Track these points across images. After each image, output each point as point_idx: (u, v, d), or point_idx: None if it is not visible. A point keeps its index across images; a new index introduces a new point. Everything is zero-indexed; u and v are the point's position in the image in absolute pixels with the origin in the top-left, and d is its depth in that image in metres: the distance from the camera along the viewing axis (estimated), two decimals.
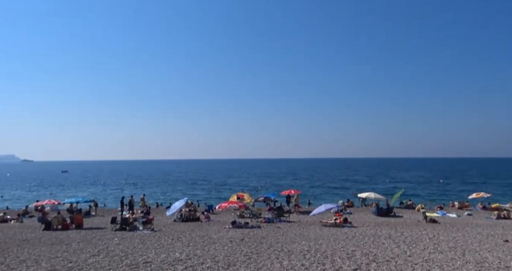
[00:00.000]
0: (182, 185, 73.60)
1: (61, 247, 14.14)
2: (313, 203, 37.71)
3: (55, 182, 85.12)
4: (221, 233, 18.40)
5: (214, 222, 24.16)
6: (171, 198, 45.23)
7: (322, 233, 18.56)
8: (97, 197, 46.67)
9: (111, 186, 71.63)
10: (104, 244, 15.03)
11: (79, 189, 66.32)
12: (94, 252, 12.99)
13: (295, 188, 49.53)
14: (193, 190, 59.15)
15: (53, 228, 20.45)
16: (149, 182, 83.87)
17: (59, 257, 11.98)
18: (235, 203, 27.99)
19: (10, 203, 42.65)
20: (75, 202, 30.56)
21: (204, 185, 72.61)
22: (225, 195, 50.43)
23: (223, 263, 11.14)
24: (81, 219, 22.10)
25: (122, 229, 20.06)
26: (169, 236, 17.28)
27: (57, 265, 10.76)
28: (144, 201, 33.97)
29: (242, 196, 32.89)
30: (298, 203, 32.49)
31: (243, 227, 20.83)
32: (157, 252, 12.94)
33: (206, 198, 45.45)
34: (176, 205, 25.17)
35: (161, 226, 21.63)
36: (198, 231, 19.26)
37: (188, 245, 14.47)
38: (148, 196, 40.22)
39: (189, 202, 30.88)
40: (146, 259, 11.53)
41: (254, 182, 77.21)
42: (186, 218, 24.92)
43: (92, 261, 11.31)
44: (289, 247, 13.91)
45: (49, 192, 57.79)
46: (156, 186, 70.17)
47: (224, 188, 63.12)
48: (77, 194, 53.94)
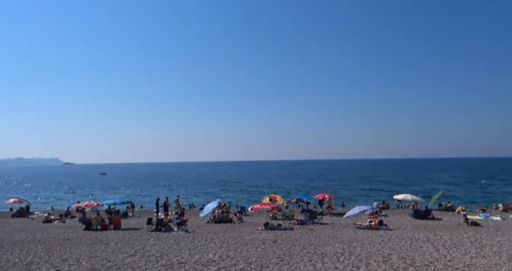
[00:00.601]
0: (213, 186, 74.56)
1: (100, 247, 14.69)
2: (346, 205, 37.05)
3: (94, 184, 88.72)
4: (253, 235, 18.44)
5: (247, 224, 24.26)
6: (204, 200, 45.94)
7: (356, 235, 18.16)
8: (133, 198, 48.19)
9: (146, 188, 73.75)
10: (140, 244, 15.46)
11: (117, 190, 68.75)
12: (131, 252, 13.38)
13: (328, 190, 48.98)
14: (225, 192, 59.72)
15: (93, 228, 21.29)
16: (181, 183, 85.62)
17: (99, 257, 12.44)
18: (268, 204, 28.00)
19: (54, 204, 44.89)
20: (113, 204, 31.70)
21: (235, 186, 73.18)
22: (256, 196, 50.60)
23: (255, 265, 11.15)
24: (119, 220, 22.86)
25: (157, 230, 20.56)
26: (202, 237, 17.52)
27: (96, 264, 11.18)
28: (178, 203, 34.67)
29: (274, 197, 32.84)
30: (331, 205, 32.01)
31: (275, 229, 20.76)
32: (191, 253, 13.14)
33: (238, 200, 45.79)
34: (209, 206, 25.49)
35: (195, 227, 21.97)
36: (231, 233, 19.40)
37: (221, 246, 14.60)
38: (181, 197, 40.99)
39: (222, 204, 31.19)
40: (181, 260, 11.74)
41: (285, 184, 76.89)
42: (219, 220, 25.19)
43: (129, 261, 11.66)
44: (323, 250, 13.71)
45: (88, 194, 60.30)
46: (188, 188, 71.52)
47: (255, 190, 63.31)
48: (115, 195, 55.99)
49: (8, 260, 11.86)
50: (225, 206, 32.02)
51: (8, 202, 36.67)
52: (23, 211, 32.91)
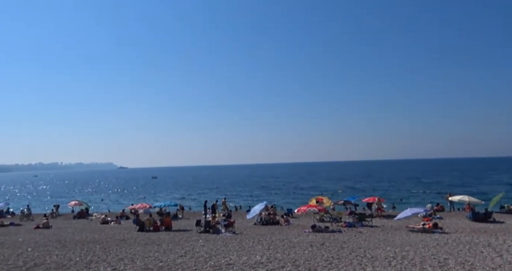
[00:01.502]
0: (258, 189, 74.97)
1: (153, 247, 15.30)
2: (397, 207, 35.62)
3: (146, 187, 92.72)
4: (301, 237, 18.28)
5: (294, 226, 24.11)
6: (250, 202, 46.36)
7: (409, 239, 17.38)
8: (182, 201, 49.77)
9: (194, 191, 75.81)
10: (190, 245, 15.90)
11: (167, 193, 71.35)
12: (181, 253, 13.80)
13: (376, 192, 47.41)
14: (270, 194, 59.77)
15: (146, 230, 22.24)
16: (228, 186, 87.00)
17: (151, 257, 12.96)
18: (315, 206, 27.66)
19: (110, 206, 47.52)
20: (164, 206, 32.91)
21: (280, 188, 73.03)
22: (302, 198, 50.19)
23: (303, 267, 11.03)
24: (169, 221, 23.70)
25: (206, 231, 21.05)
26: (250, 239, 17.66)
27: (149, 264, 11.66)
28: (226, 205, 35.22)
29: (321, 199, 32.35)
30: (380, 206, 30.91)
31: (323, 231, 20.45)
32: (238, 254, 13.29)
33: (284, 202, 45.65)
34: (255, 208, 25.67)
35: (242, 229, 22.20)
36: (278, 235, 19.38)
37: (268, 248, 14.62)
38: (228, 199, 41.67)
39: (268, 206, 31.24)
40: (229, 261, 11.91)
41: (330, 186, 75.46)
42: (266, 222, 25.28)
43: (180, 261, 12.03)
44: (373, 253, 13.26)
45: (141, 197, 63.12)
46: (235, 190, 72.50)
47: (301, 192, 62.79)
48: (165, 198, 58.12)
49: (70, 259, 12.72)
50: (272, 208, 32.03)
51: (70, 205, 39.38)
52: (83, 213, 35.17)
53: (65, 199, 57.90)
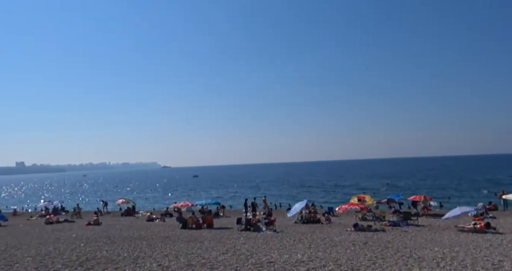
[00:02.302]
0: (298, 187, 74.45)
1: (195, 244, 15.66)
2: (445, 205, 33.99)
3: (188, 186, 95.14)
4: (342, 236, 17.94)
5: (335, 224, 23.72)
6: (290, 200, 46.17)
7: (459, 239, 16.50)
8: (223, 199, 50.55)
9: (234, 189, 76.72)
10: (231, 243, 16.10)
11: (207, 191, 72.77)
12: (223, 250, 14.01)
13: (423, 191, 45.49)
14: (309, 193, 59.12)
15: (189, 227, 22.81)
16: (268, 184, 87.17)
17: (194, 254, 13.27)
18: (356, 205, 27.03)
19: (155, 204, 49.25)
20: (205, 204, 33.61)
21: (320, 186, 72.06)
22: (342, 196, 49.27)
23: (345, 266, 10.81)
24: (211, 219, 24.15)
25: (246, 229, 21.23)
26: (290, 238, 17.59)
27: (192, 260, 11.94)
28: (266, 203, 35.34)
29: (363, 197, 31.57)
30: (427, 205, 29.63)
31: (366, 230, 19.94)
32: (279, 252, 13.27)
33: (325, 201, 45.02)
34: (296, 206, 25.52)
35: (283, 228, 22.16)
36: (319, 233, 19.14)
37: (309, 247, 14.48)
38: (268, 198, 41.76)
39: (309, 204, 30.96)
40: (270, 259, 11.93)
41: (371, 184, 73.37)
42: (306, 220, 25.07)
43: (222, 258, 12.22)
44: (419, 253, 12.73)
45: (184, 195, 64.86)
46: (274, 188, 72.49)
47: (340, 190, 61.66)
48: (206, 196, 59.31)
49: (119, 254, 13.33)
50: (312, 207, 31.71)
51: (118, 202, 41.30)
52: (130, 211, 36.73)
53: (111, 197, 60.76)
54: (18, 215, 40.23)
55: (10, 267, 11.27)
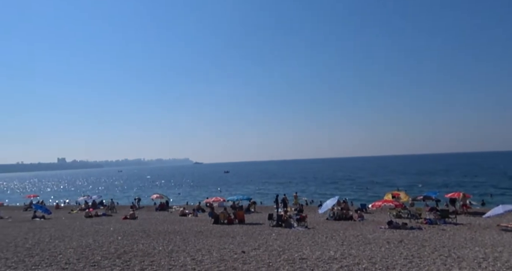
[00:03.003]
0: (329, 183, 73.58)
1: (227, 240, 15.83)
2: (487, 203, 32.49)
3: (219, 182, 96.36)
4: (376, 233, 17.55)
5: (368, 222, 23.25)
6: (320, 196, 45.71)
7: (502, 239, 15.70)
8: (254, 194, 50.79)
9: (265, 185, 76.89)
10: (263, 238, 16.15)
11: (238, 187, 73.37)
12: (255, 245, 14.08)
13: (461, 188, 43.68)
14: (340, 190, 58.23)
15: (220, 222, 23.09)
16: (299, 180, 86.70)
17: (227, 248, 13.42)
18: (391, 202, 26.32)
19: (187, 199, 50.26)
20: (237, 200, 33.89)
21: (351, 183, 70.83)
22: (374, 193, 48.23)
23: (380, 265, 10.56)
24: (242, 215, 24.34)
25: (278, 225, 21.24)
26: (322, 234, 17.42)
27: (225, 255, 12.08)
28: (297, 199, 35.17)
29: (397, 194, 30.73)
30: (466, 203, 28.40)
31: (401, 228, 19.41)
32: (312, 249, 13.17)
33: (357, 198, 44.22)
34: (327, 203, 25.24)
35: (314, 224, 21.99)
36: (352, 230, 18.83)
37: (342, 244, 14.28)
38: (298, 194, 41.52)
39: (341, 201, 30.53)
40: (302, 256, 11.86)
41: (405, 180, 71.19)
42: (338, 217, 24.74)
43: (254, 254, 12.28)
44: (459, 253, 12.23)
45: (216, 190, 65.77)
46: (305, 184, 72.00)
47: (373, 186, 60.33)
48: (236, 192, 59.81)
49: (154, 248, 13.71)
50: (344, 203, 31.23)
51: (152, 197, 42.46)
52: (164, 205, 37.68)
53: (145, 192, 62.59)
54: (60, 208, 42.32)
55: (54, 257, 11.86)
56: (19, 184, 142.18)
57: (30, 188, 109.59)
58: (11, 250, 13.56)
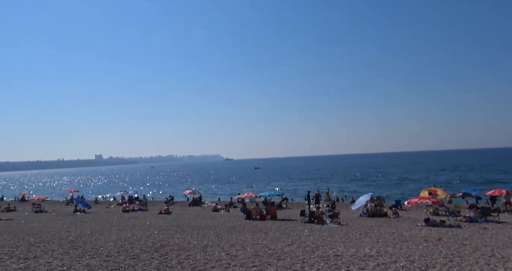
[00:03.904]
0: (361, 179, 72.29)
1: (260, 235, 15.92)
2: None
3: (250, 178, 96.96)
4: (413, 231, 17.08)
5: (404, 219, 22.68)
6: (352, 192, 45.04)
7: None
8: (284, 190, 50.74)
9: (296, 181, 76.61)
10: (296, 235, 16.12)
11: (269, 183, 73.53)
12: (288, 241, 14.07)
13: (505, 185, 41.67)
14: (373, 186, 57.04)
15: (253, 218, 23.26)
16: (330, 176, 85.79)
17: (260, 244, 13.50)
18: (428, 198, 25.55)
19: (218, 195, 50.99)
20: (268, 195, 34.01)
21: (385, 179, 69.17)
22: (409, 189, 46.94)
23: (419, 263, 10.27)
24: (274, 210, 24.38)
25: (310, 221, 21.12)
26: (356, 231, 17.16)
27: (259, 250, 12.16)
28: (329, 195, 34.85)
29: (434, 191, 29.71)
30: (509, 201, 27.06)
31: (438, 226, 18.79)
32: (346, 246, 13.01)
33: (391, 195, 43.18)
34: (361, 199, 24.81)
35: (347, 221, 21.70)
36: (387, 228, 18.43)
37: (377, 242, 14.00)
38: (330, 190, 41.10)
39: (374, 197, 29.95)
40: (336, 252, 11.74)
41: (442, 177, 68.64)
42: (372, 213, 24.28)
43: (288, 250, 12.28)
44: (503, 253, 11.68)
45: (247, 186, 66.28)
46: (336, 181, 71.13)
47: (407, 183, 58.72)
48: (267, 188, 60.00)
49: (189, 242, 14.01)
50: (378, 200, 30.61)
51: (185, 193, 43.40)
52: (197, 201, 38.43)
53: (176, 188, 63.98)
54: (99, 203, 44.13)
55: (96, 250, 12.40)
56: (60, 179, 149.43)
57: (70, 183, 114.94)
58: (56, 242, 14.29)
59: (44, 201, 45.85)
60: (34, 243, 14.04)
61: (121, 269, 9.72)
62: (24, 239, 15.17)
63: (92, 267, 9.94)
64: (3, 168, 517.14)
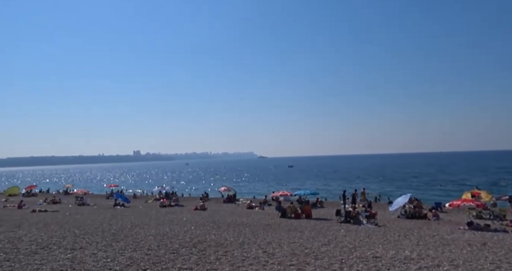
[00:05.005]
0: (398, 179, 70.17)
1: (296, 234, 15.88)
2: None
3: (283, 176, 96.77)
4: (455, 234, 16.41)
5: (444, 222, 21.83)
6: (388, 193, 43.81)
7: None
8: (318, 189, 50.23)
9: (330, 180, 75.59)
10: (332, 234, 15.94)
11: (303, 182, 73.03)
12: (324, 241, 13.95)
13: None
14: (411, 187, 55.15)
15: (288, 216, 23.22)
16: (366, 176, 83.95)
17: (296, 243, 13.46)
18: (471, 201, 24.40)
19: (252, 192, 51.31)
20: (304, 194, 33.79)
21: (422, 180, 66.72)
22: (448, 191, 45.08)
23: (464, 268, 9.87)
24: (309, 209, 24.22)
25: (346, 221, 20.81)
26: (394, 233, 16.72)
27: (296, 249, 12.13)
28: (365, 195, 34.14)
29: (477, 193, 28.37)
30: None
31: (483, 230, 17.93)
32: (384, 247, 12.71)
33: (427, 198, 41.60)
34: (399, 200, 24.11)
35: (385, 222, 21.19)
36: (427, 230, 17.82)
37: (417, 244, 13.58)
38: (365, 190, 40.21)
39: (413, 198, 28.99)
40: (375, 254, 11.50)
41: (484, 178, 65.18)
42: (411, 215, 23.56)
43: (325, 249, 12.17)
44: None
45: (281, 184, 66.21)
46: (369, 181, 69.47)
47: (446, 184, 56.34)
48: (300, 186, 59.61)
49: (226, 239, 14.22)
50: (417, 201, 29.60)
51: (220, 190, 44.03)
52: (231, 198, 38.85)
53: (209, 184, 64.89)
54: (137, 198, 45.69)
55: (137, 243, 12.87)
56: (101, 174, 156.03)
57: (110, 178, 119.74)
58: (99, 234, 14.97)
59: (86, 195, 48.05)
60: (79, 235, 14.79)
61: (162, 263, 10.03)
62: (70, 231, 16.01)
63: (134, 260, 10.33)
64: (49, 162, 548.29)
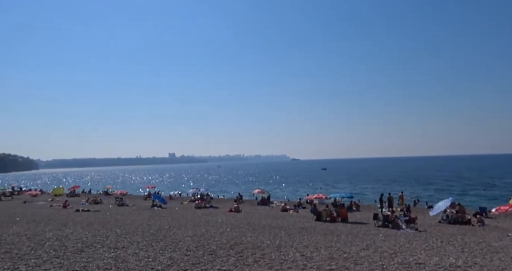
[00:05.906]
0: (436, 183, 67.51)
1: (332, 238, 15.60)
2: None
3: (316, 178, 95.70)
4: (503, 241, 15.50)
5: (490, 228, 20.72)
6: (427, 197, 42.21)
7: None
8: (352, 192, 49.25)
9: (366, 183, 73.91)
10: (370, 239, 15.52)
11: (336, 185, 71.87)
12: (362, 246, 13.60)
13: None
14: (450, 192, 52.71)
15: (323, 220, 22.91)
16: (403, 179, 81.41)
17: (334, 247, 13.21)
18: None
19: (286, 195, 51.09)
20: (339, 197, 33.28)
21: (461, 184, 63.70)
22: (493, 196, 42.72)
23: None
24: (345, 213, 23.77)
25: (384, 226, 20.24)
26: (437, 238, 16.04)
27: (334, 253, 11.91)
28: (403, 199, 33.09)
29: None
30: None
31: None
32: (427, 254, 12.21)
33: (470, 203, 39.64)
34: (440, 205, 23.22)
35: (425, 227, 20.41)
36: (472, 236, 16.97)
37: (462, 251, 12.94)
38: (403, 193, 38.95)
39: (455, 203, 27.78)
40: (418, 260, 11.06)
41: None
42: (453, 220, 22.55)
43: (364, 254, 11.86)
44: None
45: (315, 187, 65.54)
46: (404, 184, 67.21)
47: (489, 188, 53.49)
48: (334, 189, 58.71)
49: (262, 241, 14.20)
50: (459, 206, 28.29)
51: (254, 192, 44.22)
52: (265, 200, 38.91)
53: (241, 187, 65.19)
54: (173, 199, 46.76)
55: (176, 244, 13.13)
56: (138, 175, 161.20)
57: (148, 179, 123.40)
58: (139, 234, 15.42)
59: (125, 195, 49.75)
60: (120, 234, 15.30)
61: (201, 264, 10.17)
62: (111, 230, 16.61)
63: (174, 260, 10.54)
64: (90, 164, 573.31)
